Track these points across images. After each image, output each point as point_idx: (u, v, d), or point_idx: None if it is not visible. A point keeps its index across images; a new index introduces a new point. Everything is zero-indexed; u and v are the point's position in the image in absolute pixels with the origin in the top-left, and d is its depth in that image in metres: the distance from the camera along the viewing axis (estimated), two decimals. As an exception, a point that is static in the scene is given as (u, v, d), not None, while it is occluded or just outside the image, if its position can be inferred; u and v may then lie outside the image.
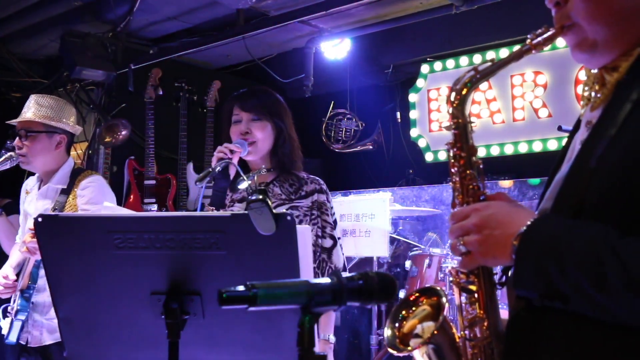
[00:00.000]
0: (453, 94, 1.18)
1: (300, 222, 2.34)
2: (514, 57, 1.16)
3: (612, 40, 1.05)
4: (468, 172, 1.17)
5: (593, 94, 1.11)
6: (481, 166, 1.19)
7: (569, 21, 1.08)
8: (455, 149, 1.19)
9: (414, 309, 1.29)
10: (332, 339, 2.34)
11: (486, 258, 1.08)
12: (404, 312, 1.29)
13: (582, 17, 1.06)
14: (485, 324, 1.15)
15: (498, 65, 1.16)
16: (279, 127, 2.46)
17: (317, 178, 2.47)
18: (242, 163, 2.48)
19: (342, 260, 2.41)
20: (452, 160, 1.19)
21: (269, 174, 2.47)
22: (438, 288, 1.27)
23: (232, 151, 2.27)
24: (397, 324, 1.28)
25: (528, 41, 1.14)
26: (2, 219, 3.28)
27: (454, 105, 1.18)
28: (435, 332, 1.20)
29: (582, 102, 1.15)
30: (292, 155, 2.48)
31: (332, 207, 2.45)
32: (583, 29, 1.07)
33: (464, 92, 1.17)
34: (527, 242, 1.01)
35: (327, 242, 2.38)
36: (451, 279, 1.20)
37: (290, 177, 2.44)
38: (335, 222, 2.44)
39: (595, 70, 1.12)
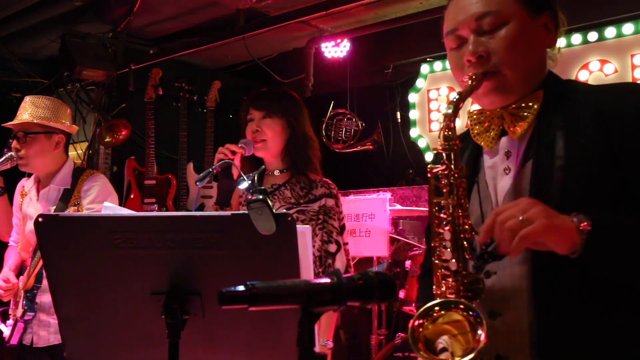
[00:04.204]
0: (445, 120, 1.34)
1: None
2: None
3: (524, 84, 1.37)
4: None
5: (517, 127, 1.36)
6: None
7: (495, 69, 1.35)
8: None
9: (443, 312, 1.22)
10: (330, 344, 2.33)
11: (551, 222, 1.13)
12: (436, 309, 1.22)
13: (507, 66, 1.34)
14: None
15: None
16: (291, 125, 2.42)
17: (329, 182, 2.44)
18: (258, 160, 2.46)
19: (345, 264, 2.39)
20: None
21: (283, 175, 2.46)
22: (477, 310, 1.19)
23: (233, 152, 2.26)
24: (422, 321, 1.21)
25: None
26: (3, 198, 3.24)
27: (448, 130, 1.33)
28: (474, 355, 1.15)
29: (477, 138, 1.42)
30: (307, 154, 2.44)
31: (340, 212, 2.42)
32: (505, 75, 1.35)
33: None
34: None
35: (332, 247, 2.37)
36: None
37: (303, 180, 2.41)
38: (342, 227, 2.42)
39: (486, 113, 1.42)
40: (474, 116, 1.45)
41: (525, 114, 1.36)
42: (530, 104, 1.36)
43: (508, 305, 1.31)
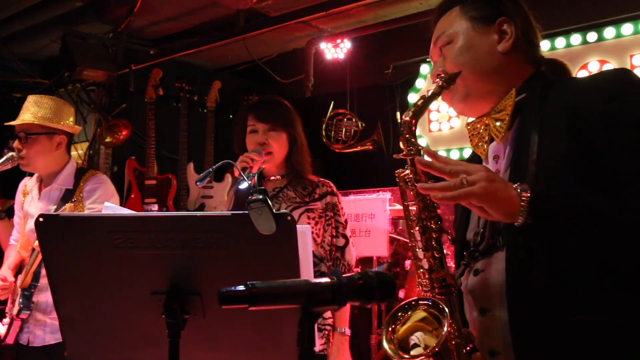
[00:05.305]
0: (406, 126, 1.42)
1: (317, 224, 2.50)
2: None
3: (483, 89, 1.46)
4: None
5: (498, 130, 1.42)
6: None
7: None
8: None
9: (409, 312, 1.29)
10: (348, 331, 2.53)
11: (490, 186, 1.17)
12: (400, 314, 1.29)
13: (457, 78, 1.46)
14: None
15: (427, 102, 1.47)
16: (292, 137, 2.58)
17: (328, 181, 2.61)
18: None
19: (354, 257, 2.58)
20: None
21: (283, 179, 2.60)
22: (440, 304, 1.27)
23: (253, 160, 2.36)
24: (393, 326, 1.28)
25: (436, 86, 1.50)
26: (4, 222, 3.28)
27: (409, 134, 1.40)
28: (438, 348, 1.20)
29: (474, 148, 1.49)
30: (304, 160, 2.61)
31: (342, 208, 2.61)
32: (457, 85, 1.47)
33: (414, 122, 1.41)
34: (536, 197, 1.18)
35: (341, 241, 2.55)
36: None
37: (303, 181, 2.57)
38: (346, 221, 2.61)
39: (473, 118, 1.51)
40: (469, 127, 1.52)
41: (502, 113, 1.43)
42: (505, 104, 1.44)
43: (495, 302, 1.34)
